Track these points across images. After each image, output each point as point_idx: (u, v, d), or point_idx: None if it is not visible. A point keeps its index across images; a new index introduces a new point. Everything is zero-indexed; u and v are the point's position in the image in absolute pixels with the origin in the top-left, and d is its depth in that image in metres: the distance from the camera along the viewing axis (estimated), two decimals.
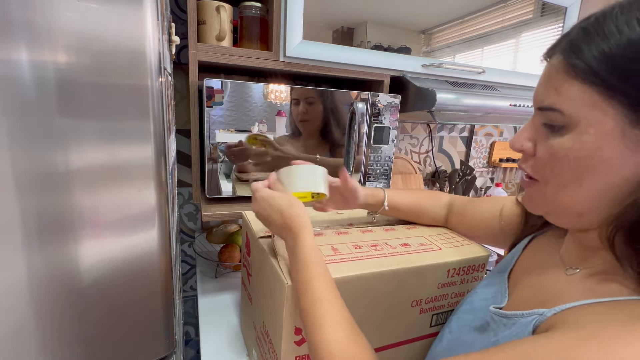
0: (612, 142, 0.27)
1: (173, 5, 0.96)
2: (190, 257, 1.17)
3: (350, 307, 0.47)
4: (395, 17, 0.91)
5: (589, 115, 0.28)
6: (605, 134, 0.27)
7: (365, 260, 0.50)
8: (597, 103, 0.27)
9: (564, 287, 0.35)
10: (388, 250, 0.53)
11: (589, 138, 0.28)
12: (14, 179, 0.32)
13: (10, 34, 0.30)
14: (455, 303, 0.56)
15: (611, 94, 0.27)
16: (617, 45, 0.26)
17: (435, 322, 0.56)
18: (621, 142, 0.27)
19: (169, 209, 0.43)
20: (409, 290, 0.51)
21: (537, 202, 0.36)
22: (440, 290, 0.54)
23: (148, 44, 0.36)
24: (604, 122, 0.27)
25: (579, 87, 0.28)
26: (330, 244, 0.53)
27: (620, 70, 0.26)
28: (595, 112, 0.28)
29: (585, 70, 0.28)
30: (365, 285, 0.48)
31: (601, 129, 0.28)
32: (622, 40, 0.26)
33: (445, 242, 0.58)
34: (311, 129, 0.83)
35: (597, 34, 0.27)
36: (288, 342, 0.45)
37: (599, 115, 0.27)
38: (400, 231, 0.62)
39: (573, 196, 0.31)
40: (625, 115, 0.27)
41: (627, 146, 0.27)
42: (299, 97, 0.80)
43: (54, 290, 0.37)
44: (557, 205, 0.34)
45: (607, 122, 0.27)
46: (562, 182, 0.31)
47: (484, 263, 0.56)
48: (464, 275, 0.55)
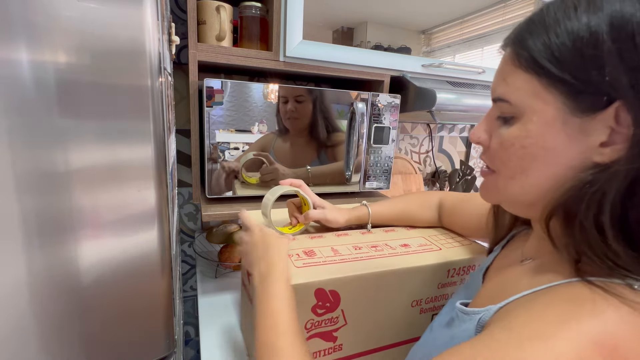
0: (554, 131, 0.28)
1: (173, 5, 0.96)
2: (190, 257, 1.17)
3: (350, 307, 0.48)
4: (395, 17, 0.91)
5: (532, 104, 0.29)
6: (547, 123, 0.28)
7: (365, 260, 0.50)
8: (539, 92, 0.28)
9: (516, 280, 0.36)
10: (388, 250, 0.53)
11: (533, 127, 0.29)
12: (14, 178, 0.32)
13: (10, 34, 0.30)
14: None
15: (551, 82, 0.27)
16: (555, 35, 0.26)
17: None
18: (562, 131, 0.28)
19: (169, 209, 0.43)
20: (410, 290, 0.52)
21: (491, 191, 0.36)
22: (440, 290, 0.54)
23: (148, 44, 0.36)
24: (545, 110, 0.28)
25: (523, 77, 0.29)
26: (331, 246, 0.53)
27: (559, 59, 0.26)
28: (538, 101, 0.28)
29: (528, 60, 0.28)
30: (365, 285, 0.48)
31: (543, 117, 0.28)
32: (560, 30, 0.26)
33: (445, 242, 0.58)
34: (299, 127, 0.83)
35: (539, 25, 0.28)
36: None
37: (541, 104, 0.28)
38: (400, 232, 0.62)
39: (522, 186, 0.32)
40: (564, 104, 0.27)
41: (568, 134, 0.27)
42: (287, 95, 0.79)
43: (54, 290, 0.37)
44: (508, 195, 0.34)
45: (548, 111, 0.28)
46: (511, 171, 0.32)
47: None
48: (464, 275, 0.55)
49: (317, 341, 0.47)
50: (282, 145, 0.82)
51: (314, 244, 0.54)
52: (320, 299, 0.45)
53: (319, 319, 0.46)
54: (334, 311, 0.47)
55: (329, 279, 0.45)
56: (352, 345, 0.50)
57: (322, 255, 0.50)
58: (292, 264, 0.47)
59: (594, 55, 0.25)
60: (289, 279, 0.42)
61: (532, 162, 0.30)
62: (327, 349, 0.48)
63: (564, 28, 0.26)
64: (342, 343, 0.49)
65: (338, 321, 0.48)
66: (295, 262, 0.48)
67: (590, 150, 0.27)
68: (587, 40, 0.25)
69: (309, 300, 0.45)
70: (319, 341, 0.47)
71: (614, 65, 0.24)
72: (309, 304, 0.45)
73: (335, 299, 0.46)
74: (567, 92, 0.27)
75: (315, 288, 0.44)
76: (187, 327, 1.24)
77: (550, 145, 0.28)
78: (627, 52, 0.24)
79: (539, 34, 0.28)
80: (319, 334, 0.47)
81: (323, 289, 0.45)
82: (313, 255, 0.50)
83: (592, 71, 0.25)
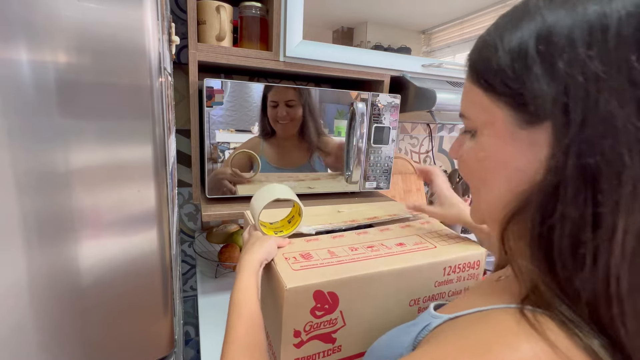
0: (505, 144, 0.28)
1: (173, 5, 0.96)
2: (190, 257, 1.17)
3: (349, 308, 0.48)
4: (395, 17, 0.91)
5: (483, 118, 0.29)
6: (498, 136, 0.28)
7: (362, 261, 0.50)
8: (488, 106, 0.28)
9: (478, 294, 0.35)
10: (384, 250, 0.54)
11: (485, 140, 0.29)
12: (14, 179, 0.32)
13: (10, 34, 0.30)
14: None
15: (496, 96, 0.27)
16: (495, 50, 0.27)
17: None
18: (512, 145, 0.27)
19: (169, 209, 0.43)
20: (407, 290, 0.52)
21: (474, 211, 0.36)
22: (437, 288, 0.54)
23: (148, 44, 0.36)
24: (495, 123, 0.28)
25: (476, 92, 0.29)
26: (327, 248, 0.54)
27: (497, 73, 0.27)
28: (488, 115, 0.28)
29: (477, 74, 0.29)
30: (363, 286, 0.48)
31: (494, 130, 0.28)
32: (498, 46, 0.27)
33: (440, 240, 0.59)
34: (289, 131, 0.82)
35: (484, 42, 0.29)
36: (287, 344, 0.45)
37: (490, 117, 0.28)
38: (395, 231, 0.62)
39: (487, 200, 0.31)
40: (511, 116, 0.27)
41: (517, 147, 0.27)
42: (278, 99, 0.79)
43: (54, 290, 0.37)
44: (480, 210, 0.34)
45: (497, 124, 0.28)
46: (475, 185, 0.32)
47: (479, 260, 0.57)
48: (460, 272, 0.56)
49: (317, 343, 0.47)
50: (269, 150, 0.82)
51: (310, 247, 0.54)
52: (318, 301, 0.45)
53: (317, 320, 0.46)
54: (332, 313, 0.47)
55: (327, 280, 0.45)
56: (351, 346, 0.50)
57: (318, 258, 0.50)
58: (290, 267, 0.47)
59: (522, 67, 0.25)
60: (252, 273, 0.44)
61: (490, 175, 0.30)
62: (326, 351, 0.48)
63: (500, 44, 0.27)
64: (341, 344, 0.49)
65: (337, 322, 0.48)
66: (293, 265, 0.48)
67: (539, 164, 0.26)
68: (517, 52, 0.25)
69: (308, 302, 0.45)
70: (318, 343, 0.47)
71: (538, 77, 0.24)
72: (307, 306, 0.45)
73: (333, 300, 0.46)
74: (510, 105, 0.26)
75: (313, 290, 0.44)
76: (187, 327, 1.24)
77: (503, 158, 0.28)
78: (547, 63, 0.24)
79: (482, 50, 0.29)
80: (318, 336, 0.47)
81: (321, 291, 0.45)
82: (310, 258, 0.50)
83: (525, 84, 0.25)
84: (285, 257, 0.50)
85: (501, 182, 0.29)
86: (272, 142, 0.81)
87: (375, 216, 0.67)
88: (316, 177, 0.88)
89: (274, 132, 0.81)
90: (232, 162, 0.78)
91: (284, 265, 0.47)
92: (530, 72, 0.24)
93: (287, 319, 0.44)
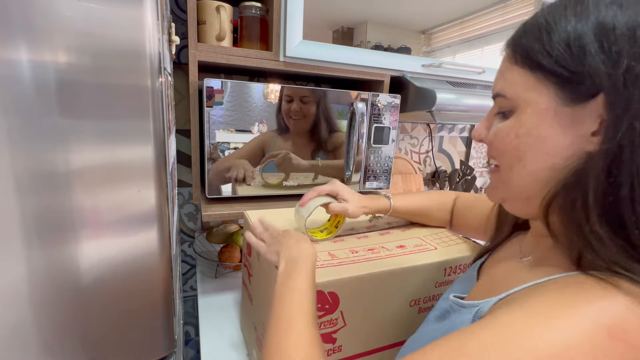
0: (547, 121, 0.30)
1: (173, 5, 0.96)
2: (190, 257, 1.17)
3: (349, 308, 0.48)
4: (395, 17, 0.91)
5: (526, 96, 0.31)
6: (540, 113, 0.30)
7: (362, 262, 0.50)
8: (533, 85, 0.30)
9: (516, 274, 0.36)
10: (385, 252, 0.54)
11: (527, 117, 0.31)
12: (14, 179, 0.32)
13: (10, 34, 0.30)
14: None
15: (544, 75, 0.29)
16: (547, 33, 0.29)
17: None
18: (555, 121, 0.29)
19: (169, 209, 0.43)
20: (407, 290, 0.52)
21: (496, 187, 0.37)
22: (438, 289, 0.55)
23: (148, 44, 0.36)
24: (538, 101, 0.30)
25: (518, 72, 0.31)
26: (327, 251, 0.54)
27: (550, 54, 0.29)
28: (531, 93, 0.30)
29: (523, 56, 0.31)
30: (364, 286, 0.48)
31: (537, 108, 0.30)
32: (552, 29, 0.29)
33: (440, 242, 0.59)
34: (302, 127, 0.83)
35: (533, 26, 0.31)
36: None
37: (535, 95, 0.30)
38: (395, 234, 0.62)
39: (520, 177, 0.33)
40: (556, 94, 0.29)
41: (560, 124, 0.29)
42: (292, 94, 0.79)
43: (54, 290, 0.37)
44: (508, 188, 0.35)
45: (541, 102, 0.30)
46: (508, 161, 0.33)
47: None
48: (461, 273, 0.56)
49: None
50: (282, 145, 0.82)
51: None
52: (319, 301, 0.45)
53: (318, 320, 0.46)
54: (333, 313, 0.47)
55: (327, 280, 0.45)
56: (351, 346, 0.50)
57: (319, 260, 0.50)
58: None
59: (579, 49, 0.27)
60: (314, 268, 0.42)
61: (527, 152, 0.31)
62: (326, 351, 0.49)
63: (555, 28, 0.29)
64: (341, 344, 0.49)
65: (337, 323, 0.48)
66: None
67: (583, 139, 0.29)
68: (574, 37, 0.28)
69: None
70: None
71: (596, 58, 0.27)
72: None
73: (334, 300, 0.46)
74: (558, 84, 0.29)
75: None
76: (187, 327, 1.24)
77: (543, 134, 0.30)
78: (606, 48, 0.26)
79: (533, 33, 0.31)
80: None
81: (322, 291, 0.45)
82: None
83: (579, 64, 0.27)
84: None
85: (540, 157, 0.31)
86: (285, 137, 0.82)
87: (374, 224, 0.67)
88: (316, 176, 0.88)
89: (287, 128, 0.82)
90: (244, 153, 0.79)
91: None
92: (588, 54, 0.27)
93: None
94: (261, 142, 0.80)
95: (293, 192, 0.86)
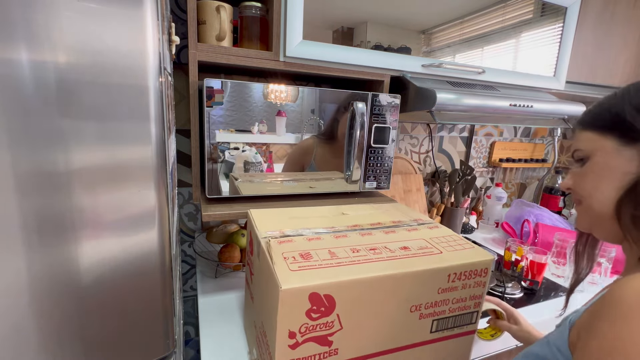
0: (613, 157, 0.43)
1: (173, 5, 0.96)
2: (190, 257, 1.17)
3: (346, 311, 0.47)
4: (395, 17, 0.91)
5: (595, 146, 0.46)
6: (607, 154, 0.44)
7: (362, 264, 0.49)
8: (600, 139, 0.45)
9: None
10: (387, 254, 0.53)
11: (599, 158, 0.45)
12: (14, 179, 0.32)
13: (10, 34, 0.30)
14: (457, 309, 0.55)
15: (607, 134, 0.44)
16: (607, 108, 0.45)
17: (436, 328, 0.55)
18: (620, 156, 0.43)
19: (169, 209, 0.43)
20: (408, 295, 0.51)
21: (582, 217, 0.49)
22: (440, 295, 0.53)
23: (148, 44, 0.36)
24: (605, 147, 0.44)
25: (588, 134, 0.47)
26: (328, 248, 0.53)
27: (609, 121, 0.44)
28: (599, 144, 0.45)
29: (590, 123, 0.47)
30: (361, 290, 0.47)
31: (604, 151, 0.45)
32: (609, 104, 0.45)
33: (447, 246, 0.57)
34: (342, 132, 0.87)
35: (596, 106, 0.47)
36: (282, 345, 0.45)
37: (602, 144, 0.45)
38: (400, 234, 0.61)
39: (599, 201, 0.45)
40: (617, 142, 0.43)
41: (625, 158, 0.43)
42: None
43: (54, 290, 0.37)
44: (592, 213, 0.46)
45: (607, 147, 0.44)
46: (588, 192, 0.46)
47: (487, 268, 0.55)
48: (466, 280, 0.54)
49: (312, 345, 0.47)
50: (323, 151, 0.86)
51: (311, 247, 0.53)
52: (314, 303, 0.45)
53: (313, 323, 0.45)
54: (329, 315, 0.46)
55: (323, 283, 0.44)
56: (348, 350, 0.50)
57: (318, 258, 0.49)
58: (287, 267, 0.46)
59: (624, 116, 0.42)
60: None
61: (601, 180, 0.44)
62: (322, 353, 0.48)
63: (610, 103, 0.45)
64: (337, 347, 0.49)
65: (333, 325, 0.47)
66: (291, 265, 0.47)
67: (633, 165, 0.42)
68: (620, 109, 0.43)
69: (303, 304, 0.44)
70: (313, 345, 0.47)
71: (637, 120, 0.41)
72: (303, 308, 0.44)
73: (330, 303, 0.46)
74: (617, 137, 0.43)
75: (309, 292, 0.44)
76: (187, 327, 1.24)
77: (612, 166, 0.43)
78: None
79: (596, 111, 0.47)
80: (314, 338, 0.47)
81: (317, 293, 0.44)
82: (309, 258, 0.49)
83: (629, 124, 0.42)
84: (284, 256, 0.50)
85: (610, 183, 0.43)
86: (324, 143, 0.86)
87: (379, 222, 0.66)
88: (316, 176, 0.88)
89: (333, 136, 0.86)
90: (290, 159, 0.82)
91: (282, 265, 0.47)
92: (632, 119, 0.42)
93: (281, 319, 0.44)
94: (303, 150, 0.84)
95: (293, 192, 0.86)
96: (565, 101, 1.11)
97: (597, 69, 1.27)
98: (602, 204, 0.45)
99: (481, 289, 0.56)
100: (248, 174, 0.80)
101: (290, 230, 0.59)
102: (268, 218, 0.63)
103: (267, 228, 0.58)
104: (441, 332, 0.56)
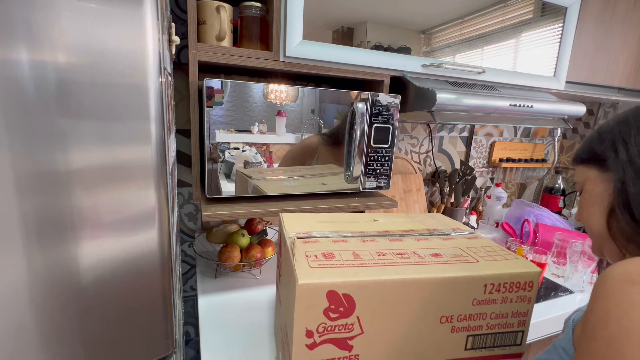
0: (598, 184, 0.48)
1: (173, 5, 0.96)
2: (190, 257, 1.17)
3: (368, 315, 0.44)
4: (395, 17, 0.91)
5: (585, 177, 0.50)
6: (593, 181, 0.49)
7: (387, 267, 0.46)
8: (587, 170, 0.50)
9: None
10: (415, 259, 0.49)
11: (588, 187, 0.50)
12: (14, 179, 0.32)
13: (10, 34, 0.30)
14: (497, 325, 0.50)
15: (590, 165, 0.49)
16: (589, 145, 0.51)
17: (472, 345, 0.50)
18: (602, 182, 0.47)
19: (169, 209, 0.43)
20: (437, 304, 0.47)
21: (593, 244, 0.52)
22: (476, 307, 0.48)
23: (148, 44, 0.36)
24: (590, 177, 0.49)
25: (579, 167, 0.52)
26: (352, 250, 0.50)
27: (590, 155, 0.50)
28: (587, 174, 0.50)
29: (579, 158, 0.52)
30: (384, 293, 0.45)
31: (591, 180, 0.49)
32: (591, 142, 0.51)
33: (485, 255, 0.52)
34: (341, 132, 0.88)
35: (584, 142, 0.53)
36: (299, 343, 0.44)
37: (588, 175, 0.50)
38: (434, 241, 0.56)
39: (594, 225, 0.49)
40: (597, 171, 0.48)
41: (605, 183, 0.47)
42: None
43: (54, 290, 0.37)
44: (595, 237, 0.50)
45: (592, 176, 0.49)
46: (586, 218, 0.50)
47: (532, 281, 0.49)
48: (506, 293, 0.49)
49: (331, 347, 0.45)
50: (326, 148, 0.86)
51: (335, 248, 0.51)
52: (332, 302, 0.43)
53: (332, 323, 0.44)
54: (348, 317, 0.44)
55: (342, 281, 0.43)
56: (370, 358, 0.47)
57: (340, 259, 0.47)
58: (307, 264, 0.45)
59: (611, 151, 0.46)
60: None
61: (592, 206, 0.48)
62: (341, 358, 0.46)
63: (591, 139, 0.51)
64: (358, 353, 0.46)
65: (353, 329, 0.45)
66: (311, 262, 0.46)
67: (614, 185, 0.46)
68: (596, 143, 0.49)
69: (321, 302, 0.43)
70: (332, 348, 0.45)
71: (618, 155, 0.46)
72: (320, 306, 0.43)
73: (349, 303, 0.44)
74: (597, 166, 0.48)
75: (327, 290, 0.42)
76: (187, 327, 1.24)
77: (597, 191, 0.48)
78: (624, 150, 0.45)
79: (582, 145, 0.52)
80: (333, 340, 0.45)
81: (336, 292, 0.43)
82: (332, 257, 0.47)
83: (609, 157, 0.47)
84: (306, 254, 0.48)
85: (598, 207, 0.48)
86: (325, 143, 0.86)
87: (412, 229, 0.62)
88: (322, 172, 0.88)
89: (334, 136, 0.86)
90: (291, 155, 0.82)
91: (303, 262, 0.46)
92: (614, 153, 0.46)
93: (298, 316, 0.42)
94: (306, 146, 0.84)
95: (293, 193, 0.86)
96: (565, 101, 1.11)
97: (597, 69, 1.27)
98: (598, 227, 0.48)
99: (526, 305, 0.51)
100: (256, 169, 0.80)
101: (317, 232, 0.57)
102: (298, 221, 0.62)
103: (294, 229, 0.58)
104: (479, 351, 0.51)
